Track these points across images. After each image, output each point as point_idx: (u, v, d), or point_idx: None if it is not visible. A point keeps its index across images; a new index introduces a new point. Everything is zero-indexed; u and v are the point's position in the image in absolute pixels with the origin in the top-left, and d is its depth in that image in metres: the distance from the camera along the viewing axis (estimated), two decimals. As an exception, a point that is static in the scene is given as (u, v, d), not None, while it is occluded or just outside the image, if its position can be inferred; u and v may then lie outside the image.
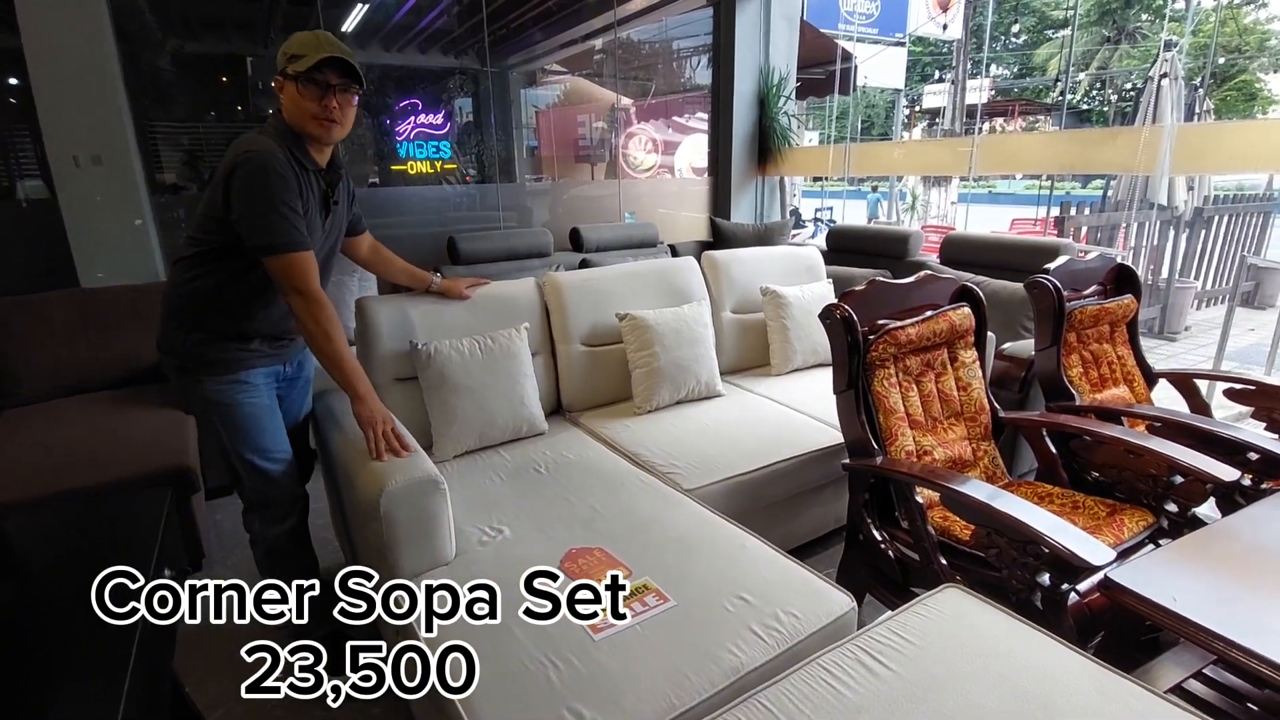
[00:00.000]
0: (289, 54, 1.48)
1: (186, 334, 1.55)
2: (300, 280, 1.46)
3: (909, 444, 1.84)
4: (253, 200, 1.41)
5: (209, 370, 1.56)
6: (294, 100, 1.49)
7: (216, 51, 4.87)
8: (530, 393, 2.06)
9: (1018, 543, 1.43)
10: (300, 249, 1.45)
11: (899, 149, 4.65)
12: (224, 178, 1.44)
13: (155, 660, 0.96)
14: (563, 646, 1.18)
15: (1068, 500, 1.82)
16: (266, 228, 1.42)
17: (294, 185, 1.46)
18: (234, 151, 1.46)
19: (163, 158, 4.40)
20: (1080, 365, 2.29)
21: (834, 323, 1.78)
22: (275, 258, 1.44)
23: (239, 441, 1.59)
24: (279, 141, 1.48)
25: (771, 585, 1.33)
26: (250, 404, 1.60)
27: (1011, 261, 3.16)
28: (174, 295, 1.58)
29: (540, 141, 6.93)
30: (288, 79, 1.48)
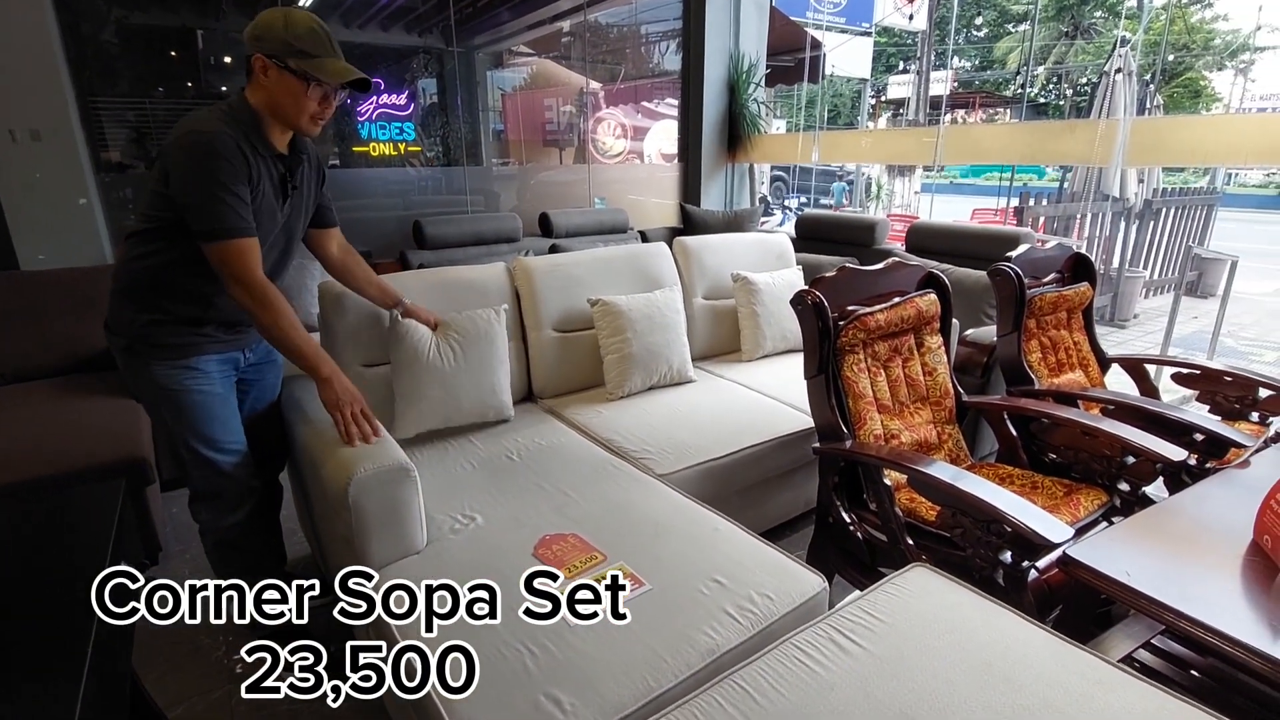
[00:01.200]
0: (292, 45, 1.38)
1: (134, 313, 1.48)
2: (240, 269, 1.39)
3: (877, 428, 1.87)
4: (193, 182, 1.35)
5: (158, 354, 1.49)
6: (287, 91, 1.41)
7: (165, 24, 4.66)
8: (502, 379, 2.03)
9: (981, 522, 1.47)
10: (240, 236, 1.38)
11: (866, 138, 4.71)
12: (169, 149, 1.38)
13: (113, 659, 0.93)
14: (539, 633, 1.18)
15: (1027, 481, 1.88)
16: (206, 213, 1.35)
17: (240, 169, 1.38)
18: (178, 130, 1.39)
19: (108, 134, 4.21)
20: (1039, 350, 2.36)
21: (805, 309, 1.80)
22: (215, 244, 1.37)
23: (186, 430, 1.53)
24: (231, 123, 1.40)
25: (744, 568, 1.35)
26: (200, 391, 1.53)
27: (975, 250, 3.23)
28: (124, 272, 1.50)
29: (507, 125, 6.81)
30: (285, 69, 1.39)
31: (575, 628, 1.19)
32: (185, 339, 1.51)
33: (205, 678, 1.67)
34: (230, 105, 1.44)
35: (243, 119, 1.42)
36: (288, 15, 1.39)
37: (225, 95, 4.59)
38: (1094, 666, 1.11)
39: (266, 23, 1.39)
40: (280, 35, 1.38)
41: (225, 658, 1.72)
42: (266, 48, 1.39)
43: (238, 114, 1.43)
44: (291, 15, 1.40)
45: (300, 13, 1.41)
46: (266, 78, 1.41)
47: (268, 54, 1.39)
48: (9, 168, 2.68)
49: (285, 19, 1.39)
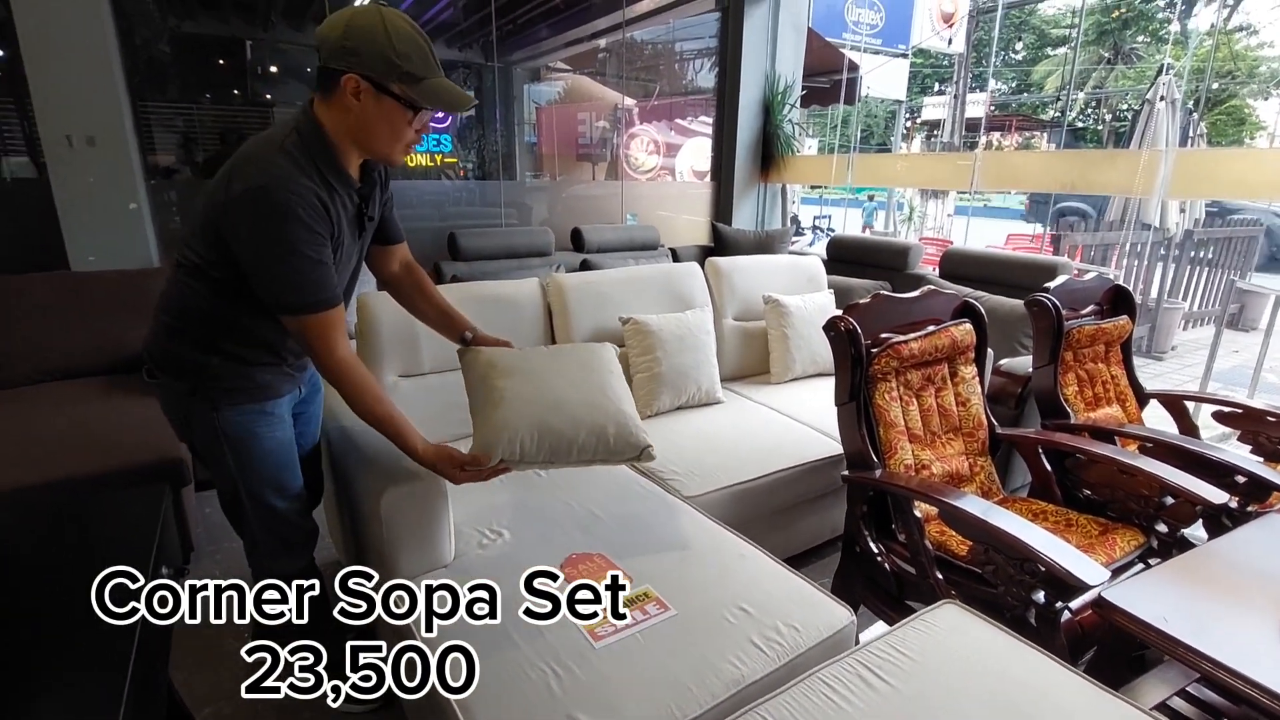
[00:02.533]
0: (397, 64, 1.13)
1: (198, 354, 1.28)
2: (325, 345, 1.21)
3: (908, 457, 1.85)
4: (266, 254, 1.13)
5: (231, 399, 1.32)
6: (384, 119, 1.18)
7: (216, 33, 4.82)
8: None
9: (1014, 560, 1.44)
10: (325, 309, 1.18)
11: (901, 161, 4.68)
12: (225, 207, 1.13)
13: (152, 660, 0.95)
14: (563, 654, 1.18)
15: (1061, 518, 1.84)
16: (283, 287, 1.15)
17: (323, 227, 1.16)
18: (241, 176, 1.12)
19: (157, 140, 4.36)
20: (1076, 384, 2.31)
21: (838, 335, 1.79)
22: (295, 319, 1.19)
23: (256, 479, 1.38)
24: (304, 161, 1.16)
25: (771, 596, 1.34)
26: (274, 438, 1.38)
27: (1010, 278, 3.19)
28: (178, 306, 1.29)
29: (540, 139, 6.91)
30: (385, 93, 1.15)
31: (600, 650, 1.19)
32: (260, 379, 1.34)
33: (233, 679, 1.69)
34: (300, 131, 1.18)
35: (316, 150, 1.19)
36: (387, 21, 1.12)
37: (271, 104, 4.68)
38: (1126, 714, 1.08)
39: (363, 31, 1.11)
40: (382, 51, 1.11)
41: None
42: (363, 65, 1.12)
43: (309, 144, 1.18)
44: (392, 22, 1.13)
45: (399, 19, 1.14)
46: (359, 101, 1.15)
47: (364, 73, 1.13)
48: (65, 172, 2.78)
49: (386, 27, 1.12)
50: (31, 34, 2.66)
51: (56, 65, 2.72)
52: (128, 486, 1.94)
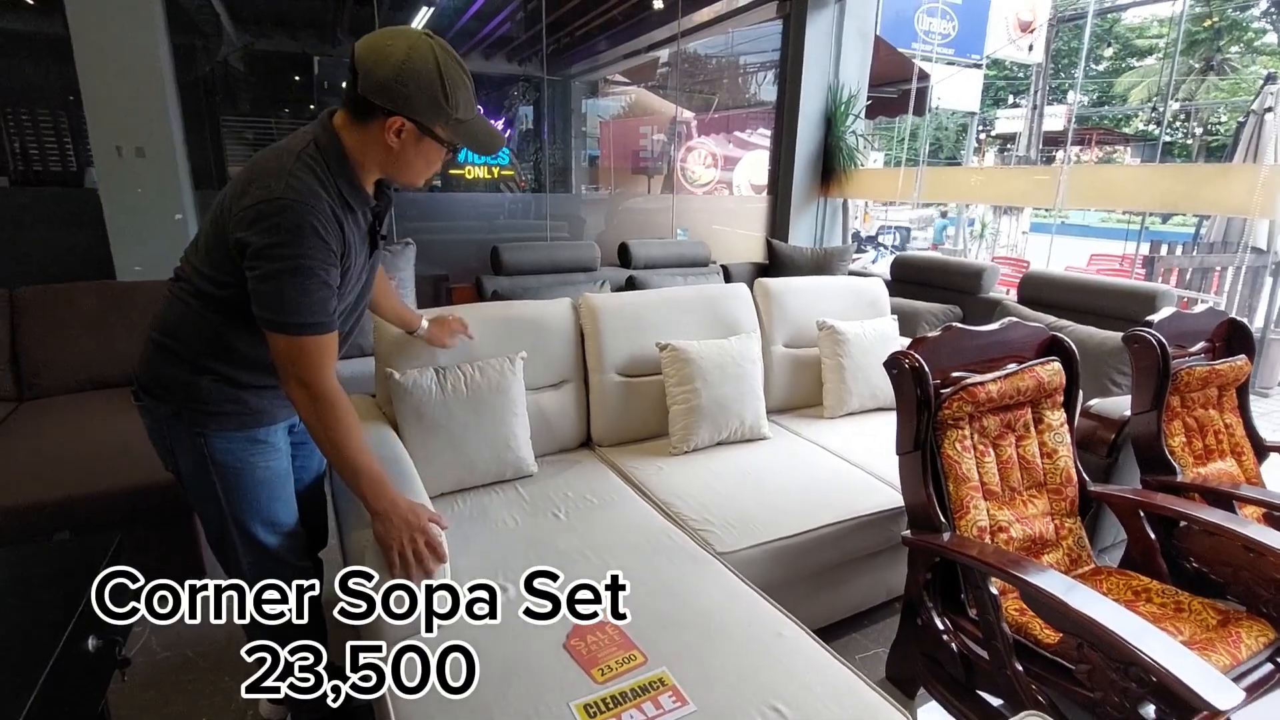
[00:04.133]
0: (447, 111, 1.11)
1: (188, 374, 1.20)
2: (309, 370, 1.12)
3: (982, 518, 1.59)
4: (275, 264, 1.07)
5: (219, 424, 1.23)
6: (421, 156, 1.17)
7: (286, 49, 4.94)
8: (519, 433, 1.84)
9: (1116, 663, 1.18)
10: (319, 333, 1.12)
11: (976, 175, 4.34)
12: (238, 217, 1.08)
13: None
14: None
15: (1169, 600, 1.54)
16: (287, 302, 1.08)
17: (335, 243, 1.12)
18: (256, 183, 1.08)
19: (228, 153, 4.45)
20: (1183, 433, 1.99)
21: (902, 373, 1.55)
22: (283, 337, 1.11)
23: (244, 510, 1.28)
24: (323, 174, 1.12)
25: (812, 693, 1.12)
26: (267, 468, 1.29)
27: (1100, 306, 2.85)
28: (171, 322, 1.21)
29: (602, 152, 6.88)
30: (424, 132, 1.12)
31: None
32: (254, 404, 1.26)
33: None
34: (318, 145, 1.14)
35: (334, 165, 1.14)
36: (442, 65, 1.08)
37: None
38: None
39: (419, 77, 1.07)
40: (435, 98, 1.09)
41: (246, 706, 1.63)
42: (412, 109, 1.09)
43: (329, 158, 1.14)
44: (446, 66, 1.09)
45: (450, 58, 1.11)
46: (399, 140, 1.12)
47: (411, 117, 1.10)
48: (114, 181, 2.81)
49: (441, 73, 1.08)
50: (87, 50, 2.72)
51: (110, 79, 2.76)
52: (154, 503, 1.88)
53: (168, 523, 1.95)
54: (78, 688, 0.84)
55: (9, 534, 1.74)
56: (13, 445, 2.06)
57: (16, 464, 1.93)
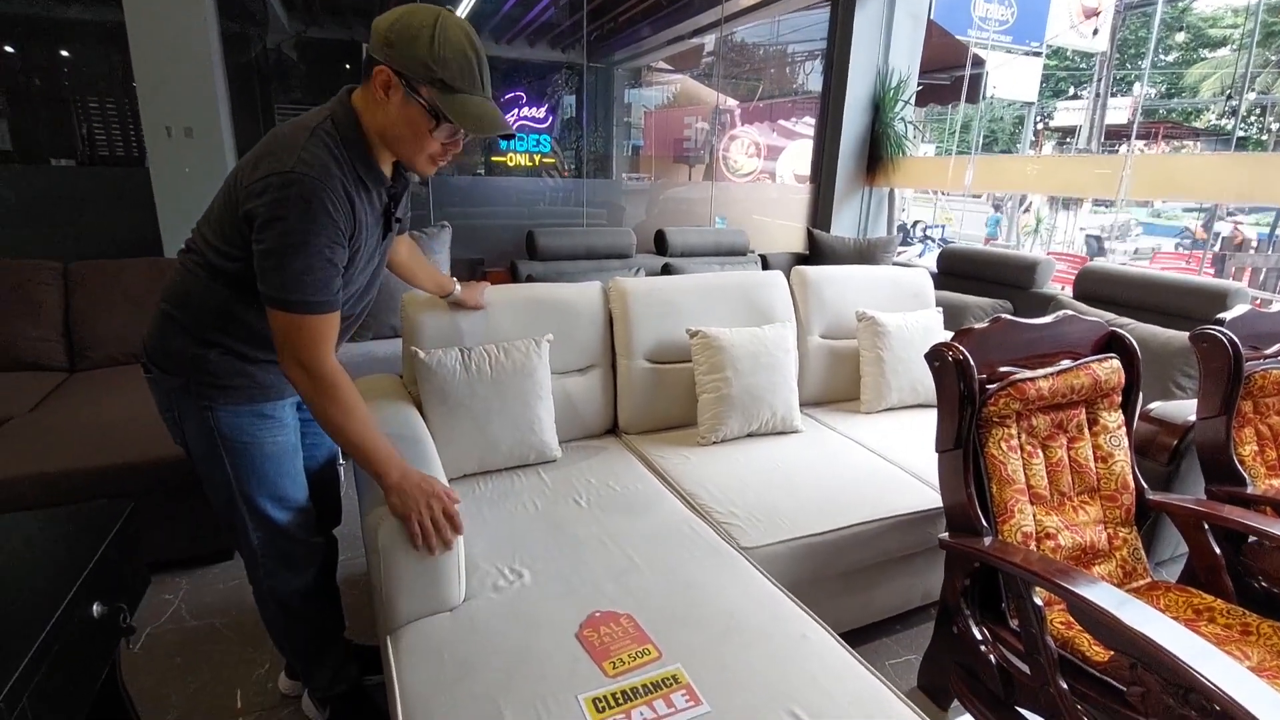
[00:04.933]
0: (433, 70, 1.06)
1: (195, 347, 1.18)
2: (307, 349, 1.10)
3: (1027, 523, 1.49)
4: (282, 238, 1.04)
5: (226, 397, 1.21)
6: (408, 123, 1.11)
7: (337, 37, 5.02)
8: (544, 417, 1.81)
9: (1175, 687, 1.08)
10: (319, 312, 1.09)
11: (1033, 165, 4.12)
12: (248, 190, 1.06)
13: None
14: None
15: (1235, 621, 1.42)
16: (290, 279, 1.05)
17: (345, 223, 1.10)
18: (269, 156, 1.07)
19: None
20: (1255, 442, 1.84)
21: (944, 365, 1.46)
22: (282, 314, 1.08)
23: (252, 486, 1.26)
24: (338, 151, 1.10)
25: (834, 700, 1.05)
26: (274, 443, 1.27)
27: (1164, 304, 2.68)
28: (180, 293, 1.19)
29: (645, 141, 6.83)
30: (412, 95, 1.08)
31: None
32: (261, 379, 1.24)
33: (246, 697, 1.58)
34: (335, 121, 1.12)
35: (349, 140, 1.12)
36: (441, 26, 1.06)
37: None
38: None
39: (407, 30, 1.05)
40: (421, 54, 1.05)
41: (271, 677, 1.64)
42: (398, 61, 1.06)
43: (344, 133, 1.12)
44: (445, 28, 1.06)
45: (456, 27, 1.07)
46: (388, 98, 1.09)
47: (397, 69, 1.06)
48: (162, 161, 2.88)
49: (435, 32, 1.05)
50: (141, 35, 2.79)
51: (161, 63, 2.83)
52: (182, 476, 1.91)
53: (198, 492, 1.98)
54: (81, 653, 0.83)
55: (47, 500, 1.79)
56: (61, 415, 2.12)
57: (62, 432, 1.98)
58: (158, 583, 1.96)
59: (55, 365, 2.56)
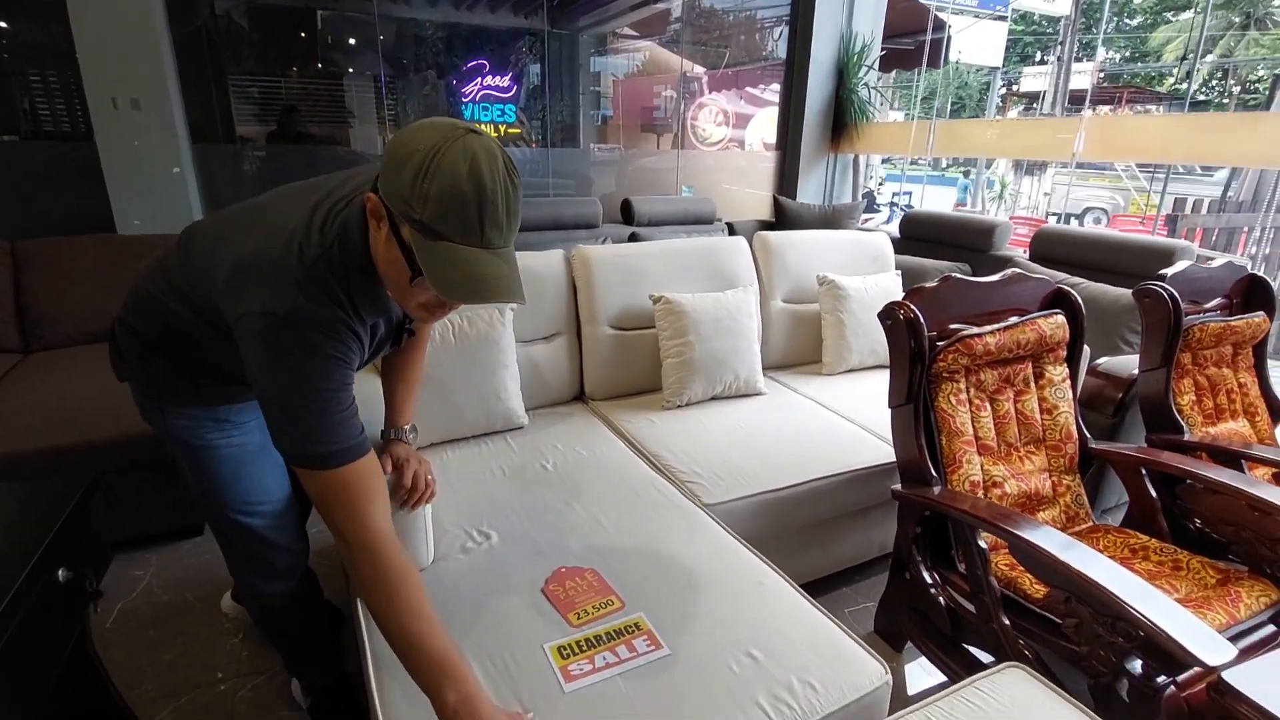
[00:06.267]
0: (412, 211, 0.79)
1: (142, 350, 1.10)
2: (342, 511, 0.90)
3: (975, 473, 1.56)
4: (274, 385, 0.88)
5: (174, 400, 1.12)
6: (390, 263, 0.86)
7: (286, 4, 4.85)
8: (509, 385, 1.82)
9: (1105, 617, 1.15)
10: (351, 459, 0.90)
11: (992, 129, 4.18)
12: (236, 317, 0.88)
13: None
14: (526, 694, 0.99)
15: (1167, 559, 1.51)
16: (301, 432, 0.88)
17: (354, 351, 0.94)
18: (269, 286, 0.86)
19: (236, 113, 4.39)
20: (1193, 392, 1.94)
21: (895, 324, 1.51)
22: (309, 473, 0.90)
23: (212, 493, 1.17)
24: (333, 290, 0.89)
25: (790, 642, 1.10)
26: (232, 447, 1.16)
27: (1115, 263, 2.76)
28: (138, 299, 1.11)
29: (614, 110, 6.74)
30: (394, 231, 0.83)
31: (569, 694, 0.99)
32: (212, 388, 1.12)
33: (212, 668, 1.60)
34: (343, 243, 0.89)
35: (355, 268, 0.90)
36: (438, 152, 0.78)
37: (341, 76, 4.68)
38: None
39: (401, 151, 0.80)
40: (404, 189, 0.79)
41: (240, 649, 1.66)
42: (384, 191, 0.82)
43: (351, 260, 0.90)
44: (440, 161, 0.78)
45: (457, 156, 0.78)
46: (379, 228, 0.86)
47: (383, 199, 0.83)
48: (111, 134, 2.78)
49: (424, 167, 0.78)
50: (80, 1, 2.65)
51: (103, 30, 2.71)
52: (148, 453, 1.90)
53: (167, 469, 1.98)
54: (51, 617, 0.84)
55: (10, 480, 1.77)
56: (17, 394, 2.08)
57: (22, 413, 1.95)
58: (127, 559, 1.95)
59: (8, 347, 2.50)
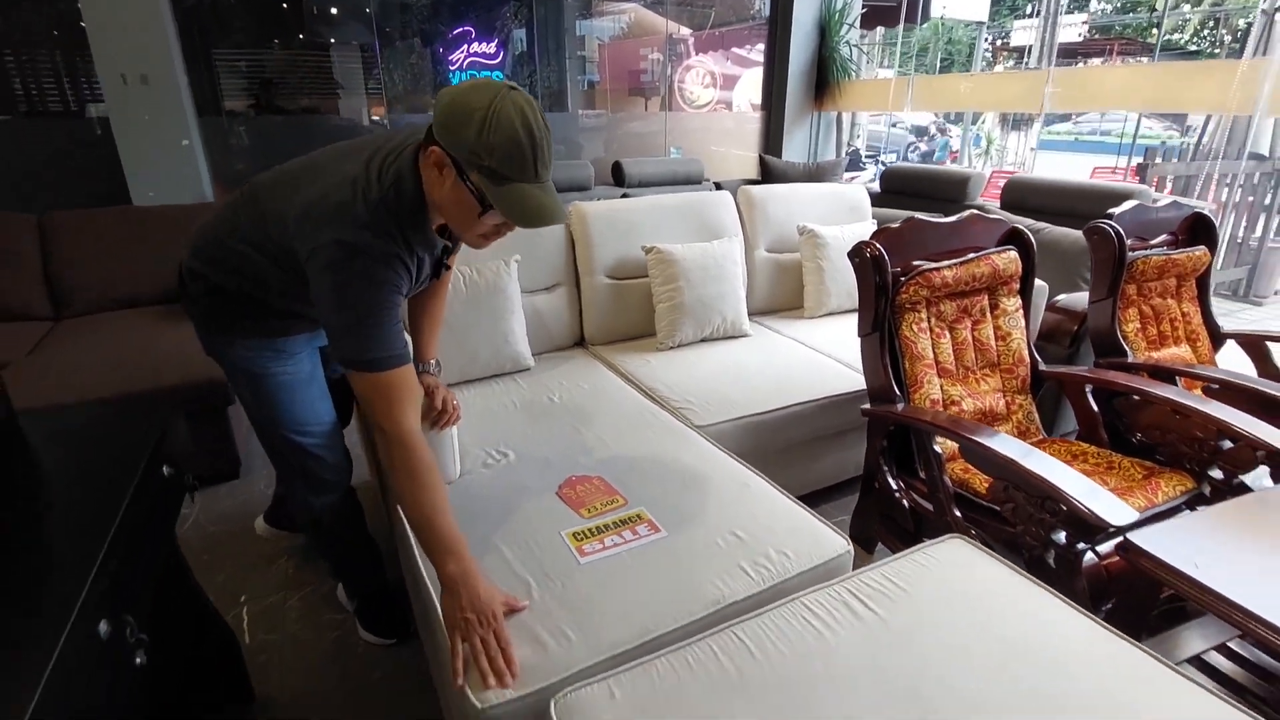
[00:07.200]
0: (480, 160, 0.99)
1: (210, 294, 1.27)
2: (385, 408, 1.08)
3: (935, 392, 1.76)
4: (350, 310, 1.06)
5: (237, 330, 1.31)
6: (458, 204, 1.05)
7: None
8: (516, 329, 2.00)
9: (1035, 498, 1.36)
10: (393, 366, 1.08)
11: (967, 82, 4.30)
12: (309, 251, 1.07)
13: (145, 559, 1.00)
14: (548, 567, 1.19)
15: (1103, 460, 1.72)
16: (351, 342, 1.07)
17: (403, 284, 1.12)
18: (339, 220, 1.05)
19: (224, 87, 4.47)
20: (1138, 320, 2.13)
21: (863, 261, 1.69)
22: (359, 375, 1.08)
23: (268, 415, 1.36)
24: (390, 223, 1.07)
25: (768, 525, 1.31)
26: (288, 374, 1.35)
27: (1079, 208, 2.93)
28: (207, 247, 1.27)
29: (601, 75, 6.78)
30: (461, 177, 1.02)
31: (584, 565, 1.19)
32: (268, 325, 1.31)
33: (266, 583, 1.81)
34: (399, 192, 1.08)
35: (407, 211, 1.09)
36: (495, 108, 0.98)
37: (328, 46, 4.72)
38: (1141, 661, 1.01)
39: (460, 113, 0.99)
40: (470, 139, 0.98)
41: (288, 567, 1.87)
42: (450, 144, 1.01)
43: (405, 203, 1.08)
44: (500, 110, 0.98)
45: (511, 110, 0.98)
46: (440, 176, 1.05)
47: (449, 152, 1.01)
48: (122, 109, 2.91)
49: (488, 114, 0.97)
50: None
51: (110, 7, 2.80)
52: (178, 404, 2.08)
53: (203, 419, 2.16)
54: (158, 504, 1.03)
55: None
56: (60, 356, 2.25)
57: (66, 370, 2.12)
58: (173, 501, 2.15)
59: (41, 315, 2.66)
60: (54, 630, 0.67)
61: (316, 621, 1.68)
